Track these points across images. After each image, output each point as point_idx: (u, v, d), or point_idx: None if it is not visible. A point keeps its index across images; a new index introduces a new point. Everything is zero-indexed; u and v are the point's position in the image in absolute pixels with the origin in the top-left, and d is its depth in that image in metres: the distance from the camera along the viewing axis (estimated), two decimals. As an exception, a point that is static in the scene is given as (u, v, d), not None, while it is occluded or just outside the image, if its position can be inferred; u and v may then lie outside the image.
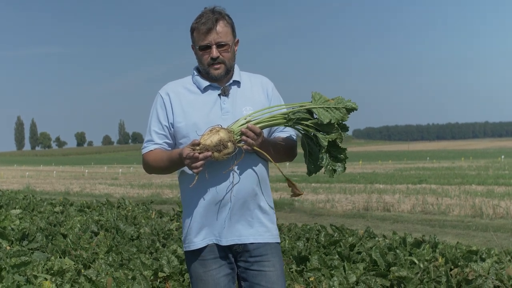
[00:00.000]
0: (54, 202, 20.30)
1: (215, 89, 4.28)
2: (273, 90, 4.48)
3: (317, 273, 7.76)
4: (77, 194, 32.66)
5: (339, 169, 4.13)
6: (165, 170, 4.30)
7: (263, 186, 4.32)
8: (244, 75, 4.46)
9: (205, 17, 4.17)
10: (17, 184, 43.92)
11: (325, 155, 4.08)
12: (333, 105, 4.00)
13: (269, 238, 4.31)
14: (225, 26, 4.20)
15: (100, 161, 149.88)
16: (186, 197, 4.31)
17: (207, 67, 4.22)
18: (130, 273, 7.63)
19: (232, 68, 4.32)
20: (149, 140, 4.35)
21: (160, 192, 31.32)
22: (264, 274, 4.24)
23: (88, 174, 65.97)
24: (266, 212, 4.31)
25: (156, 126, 4.32)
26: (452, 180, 35.42)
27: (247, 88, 4.39)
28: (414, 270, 8.00)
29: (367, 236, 11.20)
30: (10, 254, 8.75)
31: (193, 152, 3.83)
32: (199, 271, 4.26)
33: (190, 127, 4.18)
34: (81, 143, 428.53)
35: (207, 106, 4.23)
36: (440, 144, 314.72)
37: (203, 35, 4.15)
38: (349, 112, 4.04)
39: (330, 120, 3.95)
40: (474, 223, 16.96)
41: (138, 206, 18.56)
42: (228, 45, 4.21)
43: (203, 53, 4.21)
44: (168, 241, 10.77)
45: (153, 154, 4.30)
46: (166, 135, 4.31)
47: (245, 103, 4.28)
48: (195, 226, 4.22)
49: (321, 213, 20.18)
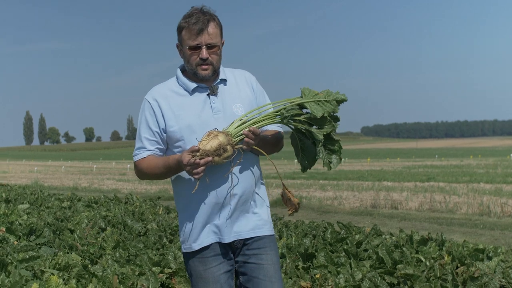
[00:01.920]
0: (62, 197, 20.32)
1: (203, 90, 4.28)
2: (256, 84, 4.52)
3: (324, 270, 7.76)
4: (85, 189, 32.71)
5: (335, 161, 4.18)
6: (160, 176, 4.29)
7: (257, 181, 4.38)
8: (228, 71, 4.48)
9: (195, 17, 4.15)
10: (26, 179, 44.04)
11: (321, 148, 4.13)
12: (324, 98, 4.05)
13: (267, 230, 4.35)
14: (215, 28, 4.19)
15: (108, 157, 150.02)
16: (183, 201, 4.32)
17: (194, 67, 4.22)
18: (137, 269, 7.64)
19: (218, 69, 4.32)
20: (141, 147, 4.33)
21: (168, 188, 31.31)
22: (262, 267, 4.27)
23: (96, 169, 66.14)
24: (261, 205, 4.37)
25: (147, 133, 4.30)
26: (460, 178, 35.38)
27: (233, 85, 4.40)
28: (420, 268, 7.99)
29: (374, 233, 11.18)
30: (18, 249, 8.77)
31: (194, 159, 3.84)
32: (199, 269, 4.27)
33: (184, 130, 4.18)
34: (90, 138, 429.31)
35: (198, 107, 4.23)
36: (448, 142, 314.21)
37: (194, 35, 4.13)
38: (339, 103, 4.08)
39: (323, 114, 4.00)
40: (481, 221, 16.93)
41: (146, 202, 18.57)
42: (217, 46, 4.22)
43: (192, 53, 4.19)
44: (175, 237, 10.78)
45: (146, 161, 4.29)
46: (158, 141, 4.29)
47: (234, 101, 4.30)
48: (195, 229, 4.24)
49: (328, 210, 20.18)
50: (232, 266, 4.32)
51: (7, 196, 19.40)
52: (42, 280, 7.16)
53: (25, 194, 21.58)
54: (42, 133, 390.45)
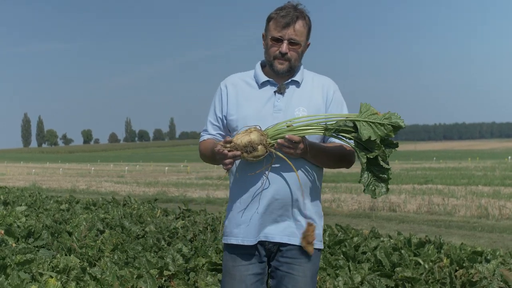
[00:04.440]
0: (60, 199, 20.29)
1: (272, 86, 4.28)
2: (334, 94, 4.37)
3: (322, 272, 7.76)
4: (83, 191, 32.66)
5: (382, 190, 4.01)
6: (212, 160, 4.30)
7: (307, 191, 4.22)
8: (308, 75, 4.42)
9: (286, 10, 4.16)
10: (23, 181, 43.97)
11: (366, 172, 3.96)
12: (379, 120, 3.82)
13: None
14: (303, 26, 4.19)
15: (106, 159, 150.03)
16: (232, 191, 4.34)
17: (272, 60, 4.22)
18: (136, 272, 7.64)
19: (295, 68, 4.29)
20: (205, 130, 4.45)
21: (166, 190, 31.36)
22: (292, 277, 4.21)
23: (94, 171, 66.05)
24: (307, 216, 4.22)
25: (212, 117, 4.41)
26: (459, 180, 35.44)
27: (307, 88, 4.33)
28: (419, 270, 8.00)
29: (372, 236, 11.19)
30: (16, 251, 8.77)
31: (223, 149, 3.86)
32: (229, 264, 4.29)
33: (240, 120, 4.21)
34: (88, 140, 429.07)
35: (261, 102, 4.24)
36: (446, 144, 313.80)
37: (280, 27, 4.15)
38: (396, 130, 3.82)
39: (369, 137, 3.79)
40: (480, 224, 16.97)
41: (144, 204, 18.53)
42: (299, 44, 4.20)
43: (272, 44, 4.20)
44: (174, 240, 10.77)
45: (204, 143, 4.39)
46: (220, 127, 4.37)
47: (299, 103, 4.24)
48: (232, 221, 4.25)
49: (326, 213, 20.11)
50: (264, 270, 4.28)
51: (5, 198, 19.41)
52: (41, 283, 7.17)
53: (23, 196, 21.54)
54: (40, 135, 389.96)
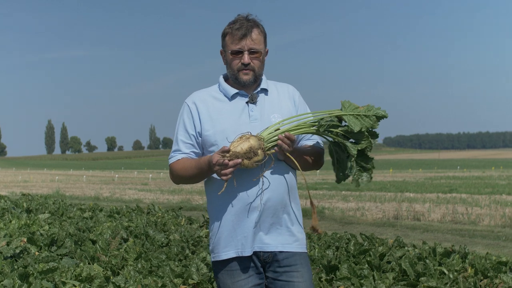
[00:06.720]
0: (84, 207, 20.30)
1: (242, 97, 4.31)
2: (299, 98, 4.51)
3: (347, 282, 7.72)
4: (107, 199, 32.71)
5: (365, 179, 4.18)
6: (193, 178, 4.29)
7: (292, 195, 4.32)
8: (271, 83, 4.49)
9: (240, 23, 4.22)
10: (47, 189, 44.12)
11: (353, 163, 4.10)
12: (363, 113, 4.03)
13: (298, 247, 4.30)
14: (259, 34, 4.25)
15: (130, 166, 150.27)
16: (213, 206, 4.31)
17: (236, 72, 4.25)
18: (159, 280, 7.63)
19: (260, 76, 4.35)
20: (176, 150, 4.36)
21: (190, 198, 31.33)
22: (293, 285, 4.22)
23: (118, 179, 66.20)
24: (295, 221, 4.31)
25: (183, 136, 4.34)
26: (483, 189, 35.17)
27: (274, 96, 4.41)
28: (443, 280, 7.94)
29: (397, 245, 11.13)
30: (39, 260, 8.78)
31: (223, 159, 3.83)
32: (227, 281, 4.25)
33: (218, 134, 4.19)
34: (112, 147, 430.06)
35: (236, 114, 4.25)
36: (470, 153, 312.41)
37: (237, 40, 4.20)
38: (379, 119, 4.08)
39: (360, 128, 3.98)
40: (504, 233, 16.85)
41: (168, 212, 18.53)
42: (260, 52, 4.25)
43: (233, 58, 4.24)
44: (198, 248, 10.77)
45: (180, 163, 4.30)
46: (193, 144, 4.32)
47: (273, 111, 4.30)
48: (224, 236, 4.21)
49: (351, 221, 20.11)
50: (262, 280, 4.27)
51: (28, 206, 19.44)
52: (64, 291, 7.17)
53: (47, 204, 21.55)
54: (63, 142, 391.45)
